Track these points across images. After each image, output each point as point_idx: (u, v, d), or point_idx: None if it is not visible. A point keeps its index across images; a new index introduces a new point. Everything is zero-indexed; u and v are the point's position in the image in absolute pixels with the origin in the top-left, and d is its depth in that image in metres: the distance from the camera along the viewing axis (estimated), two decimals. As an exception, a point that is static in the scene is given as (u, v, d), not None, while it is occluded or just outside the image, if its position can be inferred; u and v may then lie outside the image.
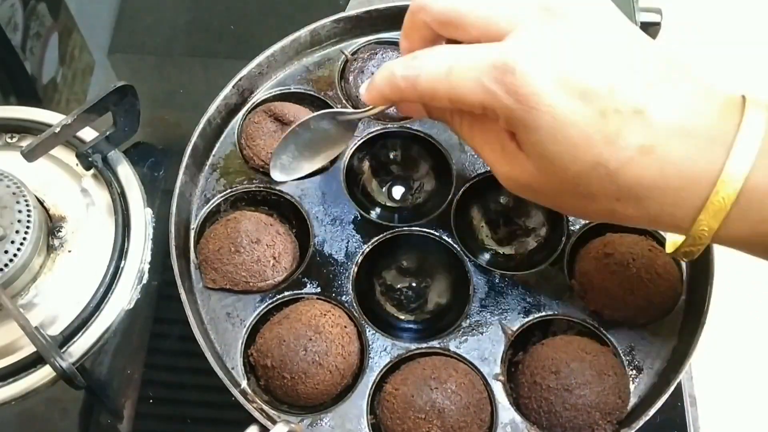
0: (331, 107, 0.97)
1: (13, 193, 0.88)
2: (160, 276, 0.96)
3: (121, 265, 0.95)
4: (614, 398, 0.79)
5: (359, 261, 0.88)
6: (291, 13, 1.18)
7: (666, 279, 0.85)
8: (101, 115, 0.94)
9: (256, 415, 0.77)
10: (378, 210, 0.96)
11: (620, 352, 0.83)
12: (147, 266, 0.96)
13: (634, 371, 0.83)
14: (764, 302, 1.21)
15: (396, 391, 0.79)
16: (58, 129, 0.90)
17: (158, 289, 0.95)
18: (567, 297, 0.86)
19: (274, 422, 0.77)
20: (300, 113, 0.95)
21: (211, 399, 0.90)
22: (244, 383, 0.81)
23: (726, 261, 0.86)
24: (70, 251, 0.95)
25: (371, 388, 0.81)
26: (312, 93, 0.98)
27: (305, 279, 0.87)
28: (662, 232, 0.89)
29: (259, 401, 0.80)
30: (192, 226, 0.90)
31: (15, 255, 0.86)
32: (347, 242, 0.89)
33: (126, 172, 1.00)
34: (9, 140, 1.02)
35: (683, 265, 0.88)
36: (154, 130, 1.06)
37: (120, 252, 0.95)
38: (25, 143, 0.97)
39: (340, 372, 0.81)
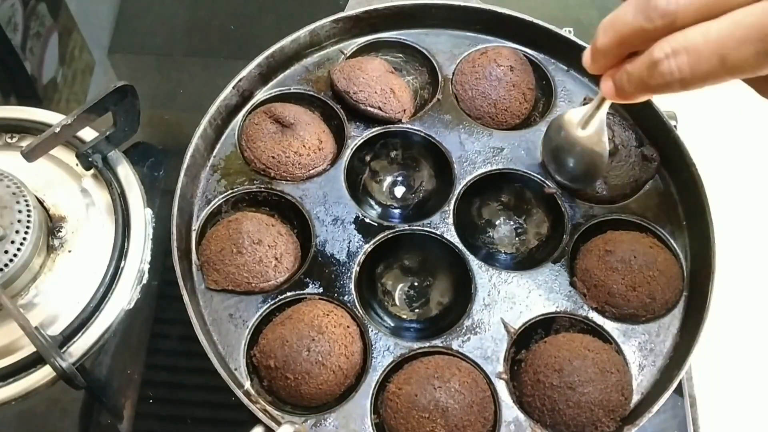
0: (332, 107, 0.95)
1: (13, 193, 0.87)
2: (160, 276, 0.94)
3: (121, 265, 0.94)
4: (617, 395, 0.78)
5: (361, 261, 0.86)
6: (291, 13, 1.17)
7: (667, 275, 0.84)
8: (101, 115, 0.93)
9: (260, 415, 0.75)
10: (379, 210, 0.95)
11: (622, 349, 0.82)
12: (147, 266, 0.95)
13: (637, 368, 0.81)
14: (765, 301, 1.21)
15: (399, 391, 0.78)
16: (58, 129, 0.88)
17: (158, 289, 0.94)
18: (569, 295, 0.85)
19: (278, 423, 0.76)
20: (301, 114, 0.94)
21: (211, 399, 0.88)
22: (247, 384, 0.80)
23: (727, 258, 0.85)
24: (70, 251, 0.93)
25: (374, 387, 0.79)
26: (312, 93, 0.97)
27: (307, 279, 0.85)
28: (663, 229, 0.88)
29: (262, 402, 0.79)
30: (193, 228, 0.88)
31: (15, 255, 0.85)
32: (349, 242, 0.87)
33: (126, 172, 0.99)
34: (9, 140, 1.01)
35: (684, 261, 0.87)
36: (154, 130, 1.04)
37: (120, 252, 0.94)
38: (25, 143, 0.95)
39: (344, 372, 0.79)
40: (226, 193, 0.90)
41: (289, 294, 0.84)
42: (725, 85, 0.67)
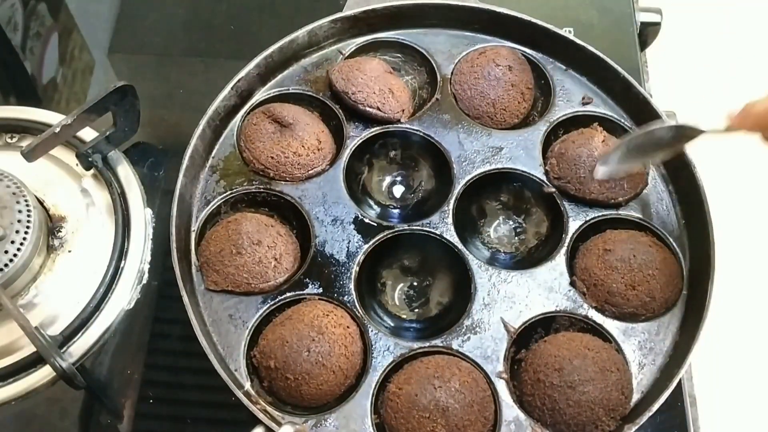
0: (331, 108, 0.95)
1: (13, 193, 0.86)
2: (160, 276, 0.93)
3: (121, 265, 0.93)
4: (617, 394, 0.77)
5: (360, 261, 0.85)
6: (291, 14, 1.16)
7: (667, 274, 0.83)
8: (101, 115, 0.92)
9: (261, 416, 0.74)
10: (378, 210, 0.94)
11: (622, 348, 0.81)
12: (147, 266, 0.94)
13: (637, 367, 0.81)
14: (765, 301, 1.21)
15: (400, 391, 0.77)
16: (58, 129, 0.87)
17: (158, 289, 0.93)
18: (569, 294, 0.84)
19: (278, 423, 0.75)
20: (299, 114, 0.93)
21: (211, 399, 0.88)
22: (247, 385, 0.79)
23: (727, 257, 0.85)
24: (70, 251, 0.92)
25: (375, 387, 0.79)
26: (310, 94, 0.96)
27: (307, 279, 0.84)
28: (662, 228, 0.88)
29: (263, 402, 0.78)
30: (192, 228, 0.87)
31: (15, 255, 0.85)
32: (348, 242, 0.87)
33: (126, 172, 0.98)
34: (9, 140, 1.00)
35: (684, 260, 0.87)
36: (154, 130, 1.03)
37: (120, 252, 0.93)
38: (25, 143, 0.94)
39: (344, 372, 0.78)
40: (225, 194, 0.90)
41: (288, 294, 0.84)
42: (724, 86, 0.66)
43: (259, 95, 0.96)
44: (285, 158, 0.89)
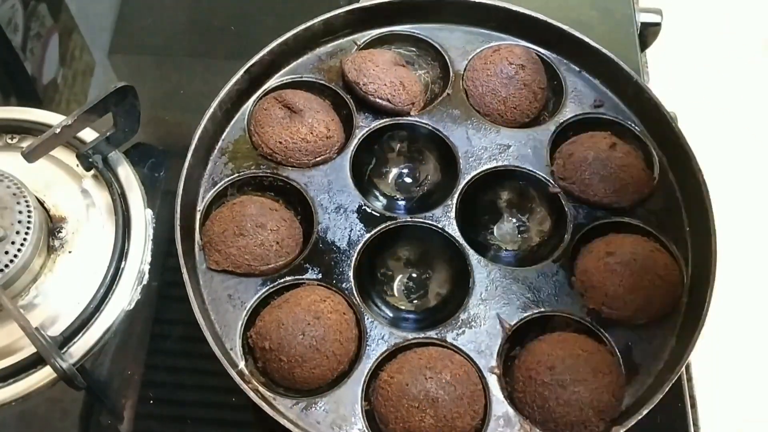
0: (342, 97, 1.11)
1: (14, 194, 1.00)
2: (161, 277, 1.11)
3: (122, 266, 1.08)
4: (608, 396, 0.91)
5: (361, 249, 1.02)
6: (290, 14, 1.29)
7: (667, 281, 0.97)
8: (101, 116, 1.10)
9: (252, 395, 0.89)
10: (383, 201, 1.14)
11: (617, 351, 0.97)
12: (147, 267, 1.08)
13: (631, 371, 0.95)
14: (764, 305, 1.21)
15: (391, 379, 0.93)
16: (58, 130, 1.02)
17: (158, 290, 1.12)
18: (567, 294, 0.92)
19: (269, 404, 0.87)
20: (311, 102, 1.02)
21: (211, 399, 1.06)
22: (241, 364, 0.92)
23: (729, 261, 0.86)
24: (70, 252, 1.05)
25: (367, 375, 0.96)
26: (323, 82, 1.14)
27: (307, 265, 1.00)
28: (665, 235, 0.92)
29: (255, 382, 0.95)
30: (198, 208, 1.06)
31: (15, 256, 1.00)
32: (350, 230, 1.01)
33: (126, 173, 1.14)
34: (9, 141, 1.18)
35: (685, 267, 0.96)
36: (154, 131, 1.19)
37: (120, 253, 1.07)
38: (25, 144, 1.11)
39: (337, 358, 0.94)
40: (232, 177, 1.08)
41: (288, 278, 1.00)
42: (724, 86, 0.67)
43: (272, 81, 1.14)
44: (293, 144, 1.01)
